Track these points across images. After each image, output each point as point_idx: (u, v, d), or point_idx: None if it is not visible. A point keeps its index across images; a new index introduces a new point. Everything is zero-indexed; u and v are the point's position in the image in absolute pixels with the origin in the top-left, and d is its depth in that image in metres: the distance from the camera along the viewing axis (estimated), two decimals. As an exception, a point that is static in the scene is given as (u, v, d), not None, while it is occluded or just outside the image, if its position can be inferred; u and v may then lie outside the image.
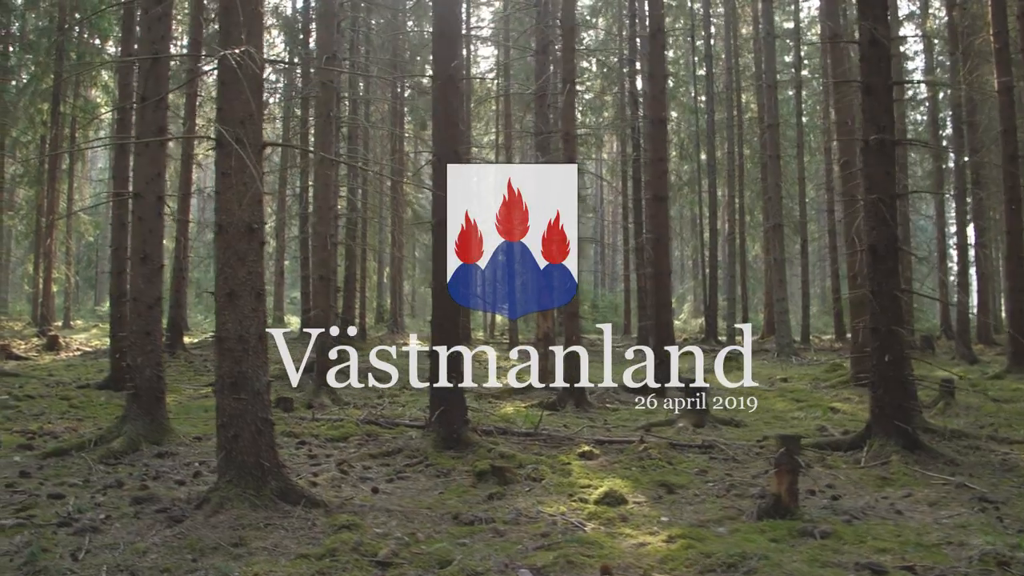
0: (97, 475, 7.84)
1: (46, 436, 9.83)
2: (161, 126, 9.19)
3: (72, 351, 20.86)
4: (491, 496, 7.23)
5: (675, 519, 6.73)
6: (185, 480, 7.65)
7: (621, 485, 7.67)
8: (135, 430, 8.80)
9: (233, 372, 6.30)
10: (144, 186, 9.10)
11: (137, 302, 9.02)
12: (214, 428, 10.59)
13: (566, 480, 7.93)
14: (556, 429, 10.94)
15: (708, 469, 8.63)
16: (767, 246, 32.38)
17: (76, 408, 12.30)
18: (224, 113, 6.41)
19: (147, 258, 9.07)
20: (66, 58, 25.62)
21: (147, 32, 9.24)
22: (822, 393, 15.44)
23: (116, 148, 14.77)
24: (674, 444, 9.78)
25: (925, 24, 30.48)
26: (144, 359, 8.97)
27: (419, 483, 7.84)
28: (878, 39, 9.39)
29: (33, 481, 7.61)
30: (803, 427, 11.76)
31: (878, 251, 9.45)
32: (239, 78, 6.35)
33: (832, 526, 6.42)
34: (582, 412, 13.16)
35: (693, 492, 7.68)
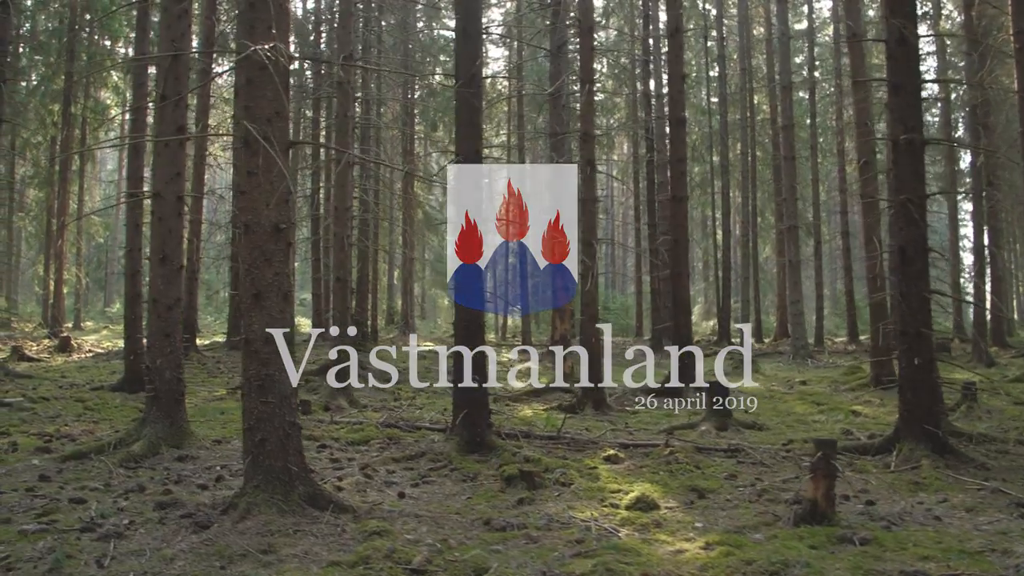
0: (118, 479, 7.72)
1: (63, 439, 9.73)
2: (181, 125, 9.09)
3: (84, 353, 20.78)
4: (521, 501, 7.09)
5: (710, 525, 6.58)
6: (208, 484, 7.52)
7: (651, 490, 7.52)
8: (155, 433, 8.68)
9: (260, 375, 6.18)
10: (164, 186, 8.98)
11: (156, 303, 8.91)
12: (233, 431, 10.58)
13: (595, 485, 7.79)
14: (578, 432, 10.79)
15: (737, 473, 8.47)
16: (780, 248, 32.23)
17: (91, 410, 12.20)
18: (251, 111, 6.28)
19: (166, 259, 8.96)
20: (77, 59, 25.61)
21: (166, 30, 9.12)
22: (842, 396, 15.26)
23: (130, 148, 14.70)
24: (700, 448, 9.63)
25: (938, 25, 30.27)
26: (163, 361, 8.85)
27: (445, 487, 7.70)
28: (907, 37, 9.24)
29: (53, 485, 7.50)
30: (826, 430, 11.58)
31: (907, 252, 9.29)
32: (267, 75, 6.23)
33: (871, 532, 6.27)
34: (602, 415, 13.02)
35: (725, 497, 7.53)
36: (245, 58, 6.25)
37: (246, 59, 6.28)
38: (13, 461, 8.45)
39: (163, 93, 8.98)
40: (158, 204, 8.99)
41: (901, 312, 9.38)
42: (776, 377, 18.05)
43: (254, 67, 6.26)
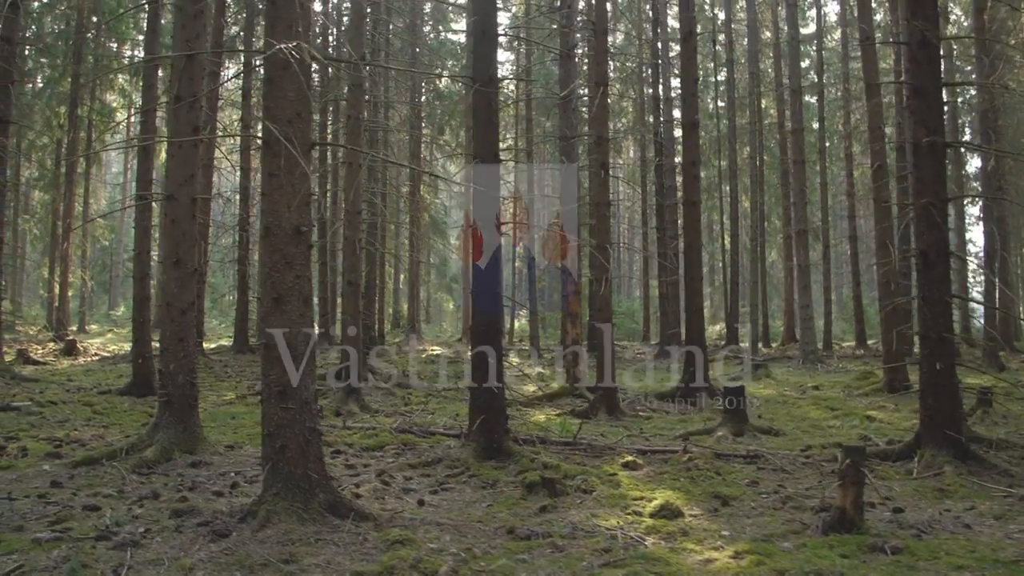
0: (131, 485, 7.60)
1: (73, 444, 9.62)
2: (195, 126, 8.98)
3: (90, 356, 20.67)
4: (543, 509, 6.96)
5: (736, 533, 6.45)
6: (223, 491, 7.40)
7: (674, 497, 7.39)
8: (167, 439, 8.56)
9: (280, 380, 6.06)
10: (177, 188, 8.87)
11: (170, 307, 8.79)
12: (244, 436, 10.46)
13: (616, 492, 7.66)
14: (594, 438, 10.66)
15: (759, 480, 8.34)
16: (786, 252, 32.11)
17: (100, 415, 12.09)
18: (272, 111, 6.18)
19: (180, 262, 8.84)
20: (83, 61, 25.54)
21: (181, 30, 9.02)
22: (856, 401, 15.12)
23: (140, 151, 14.61)
24: (719, 454, 9.49)
25: (945, 28, 30.14)
26: (177, 366, 8.73)
27: (465, 495, 7.58)
28: (929, 40, 9.12)
29: (66, 491, 7.38)
30: (842, 436, 11.43)
31: (929, 256, 9.16)
32: (289, 74, 6.12)
33: (902, 541, 6.14)
34: (615, 420, 12.88)
35: (749, 504, 7.40)
36: (268, 57, 6.14)
37: (269, 58, 6.18)
38: (24, 467, 8.34)
39: (177, 94, 8.87)
40: (172, 206, 8.87)
41: (923, 316, 9.25)
42: (788, 382, 17.92)
43: (276, 66, 6.15)
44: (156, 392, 14.19)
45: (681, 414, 14.01)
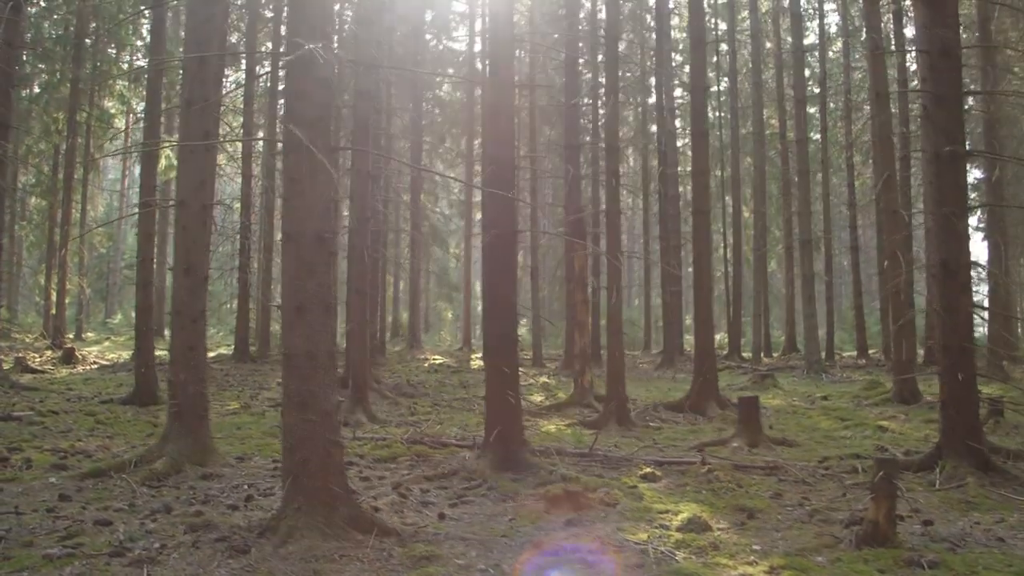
0: (142, 498, 7.40)
1: (79, 455, 9.40)
2: (208, 131, 8.81)
3: (89, 364, 20.42)
4: (568, 523, 6.79)
5: (768, 547, 6.29)
6: (238, 505, 7.21)
7: (699, 510, 7.23)
8: (177, 450, 8.36)
9: (301, 391, 5.89)
10: (189, 194, 8.70)
11: (180, 316, 8.61)
12: (252, 447, 10.27)
13: (640, 505, 7.50)
14: (608, 449, 10.50)
15: (782, 493, 8.19)
16: (787, 263, 32.06)
17: (103, 424, 11.87)
18: (294, 114, 6.03)
19: (191, 270, 8.66)
20: (82, 67, 25.35)
21: (192, 33, 8.87)
22: (866, 411, 14.99)
23: (143, 156, 14.44)
24: (737, 466, 9.34)
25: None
26: (187, 376, 8.55)
27: (485, 508, 7.40)
28: (951, 48, 9.04)
29: (75, 505, 7.17)
30: (857, 447, 11.29)
31: (950, 266, 9.06)
32: (311, 77, 5.98)
33: (937, 555, 6.00)
34: (626, 430, 12.72)
35: (775, 517, 7.25)
36: (291, 59, 6.00)
37: (292, 60, 6.03)
38: (29, 479, 8.13)
39: (188, 98, 8.71)
40: (183, 213, 8.70)
41: (943, 327, 9.13)
42: (795, 392, 17.79)
43: (298, 69, 6.01)
44: (159, 402, 14.04)
45: (691, 424, 13.86)
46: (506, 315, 8.96)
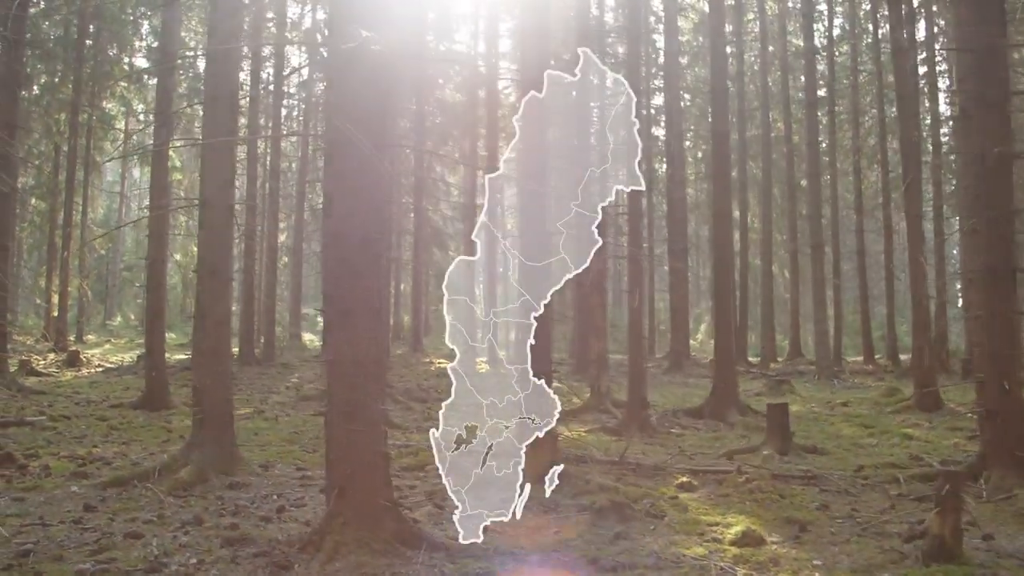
0: (170, 509, 7.12)
1: (97, 461, 9.11)
2: (232, 128, 8.54)
3: (93, 367, 20.07)
4: (617, 536, 6.53)
5: (830, 563, 6.05)
6: (270, 516, 6.93)
7: (748, 522, 6.97)
8: (203, 458, 8.07)
9: (348, 400, 5.62)
10: (213, 193, 8.41)
11: (204, 319, 8.32)
12: (274, 454, 9.97)
13: (687, 516, 7.25)
14: (636, 456, 10.23)
15: (828, 504, 7.94)
16: (793, 267, 31.86)
17: (117, 430, 11.57)
18: (338, 110, 5.76)
19: (216, 272, 8.38)
20: (84, 68, 24.99)
21: (217, 28, 8.58)
22: (888, 419, 14.76)
23: (154, 156, 14.13)
24: (775, 475, 9.09)
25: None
26: (212, 381, 8.26)
27: (526, 519, 7.04)
28: (997, 46, 8.83)
29: (101, 516, 6.89)
30: (889, 455, 11.06)
31: (998, 271, 8.82)
32: (358, 69, 5.72)
33: (1009, 572, 5.78)
34: (648, 437, 12.46)
35: (828, 530, 7.00)
36: (336, 51, 5.74)
37: (331, 52, 5.77)
38: (51, 487, 7.84)
39: (214, 94, 8.43)
40: (207, 213, 8.42)
41: (989, 334, 8.90)
42: (813, 398, 17.56)
43: (341, 61, 5.74)
44: (170, 406, 13.74)
45: (712, 431, 13.60)
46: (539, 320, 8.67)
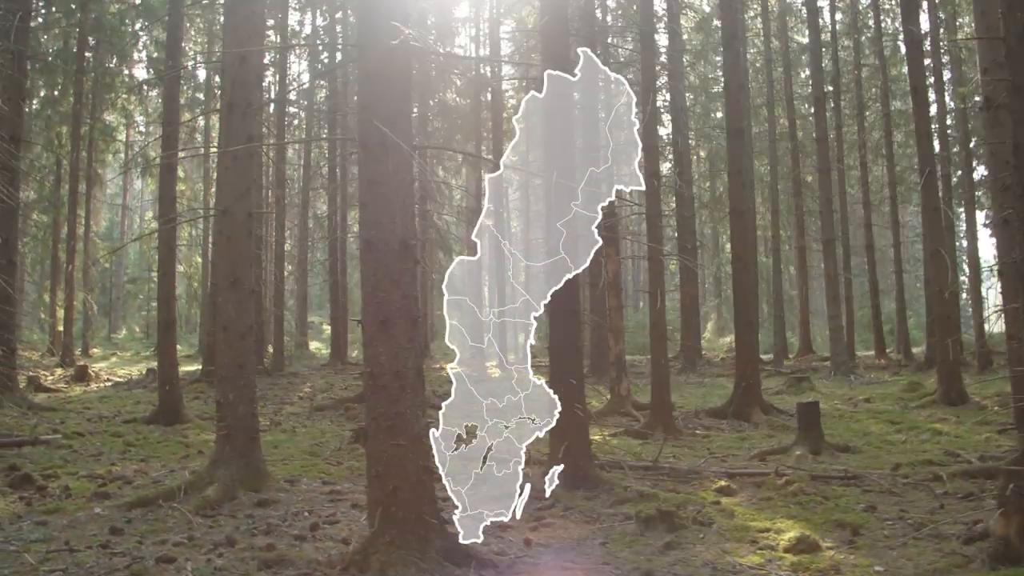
0: (200, 530, 6.87)
1: (117, 480, 8.87)
2: (251, 134, 8.31)
3: (102, 382, 19.82)
4: (667, 546, 6.30)
5: (892, 569, 5.83)
6: (304, 535, 6.68)
7: (799, 528, 6.74)
8: (229, 475, 7.83)
9: (389, 413, 5.39)
10: (232, 202, 8.19)
11: (227, 331, 8.09)
12: (297, 468, 9.72)
13: (735, 523, 7.01)
14: (667, 460, 10.00)
15: (874, 505, 7.70)
16: (800, 263, 31.66)
17: (133, 446, 11.32)
18: (370, 111, 5.54)
19: (237, 282, 8.15)
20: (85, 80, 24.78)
21: (232, 33, 8.36)
22: (914, 414, 14.53)
23: (162, 168, 13.91)
24: (814, 476, 8.86)
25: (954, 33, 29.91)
26: (237, 395, 8.02)
27: (569, 531, 6.90)
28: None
29: (129, 539, 6.64)
30: (922, 452, 10.83)
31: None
32: (390, 70, 5.50)
33: (1080, 576, 5.54)
34: (673, 439, 12.22)
35: (881, 533, 6.77)
36: (364, 51, 5.52)
37: (363, 51, 5.56)
38: (73, 509, 7.59)
39: (231, 100, 8.21)
40: (226, 223, 8.19)
41: None
42: (834, 395, 17.33)
43: (374, 61, 5.53)
44: (184, 420, 13.50)
45: (737, 431, 13.37)
46: (570, 323, 8.48)
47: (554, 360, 8.60)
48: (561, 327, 8.45)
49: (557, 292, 8.47)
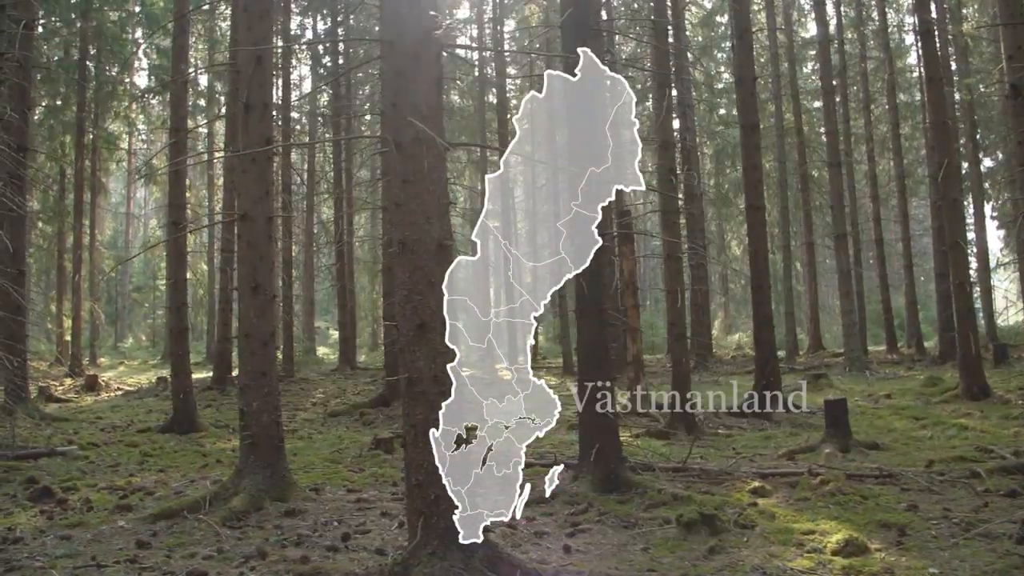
0: (229, 542, 6.70)
1: (139, 492, 8.70)
2: (268, 136, 8.15)
3: (112, 391, 19.68)
4: (712, 551, 6.12)
5: (947, 571, 5.64)
6: (336, 546, 6.50)
7: (846, 529, 6.56)
8: (255, 485, 7.66)
9: (429, 419, 5.20)
10: (252, 206, 8.02)
11: (250, 338, 7.92)
12: (320, 476, 9.55)
13: (776, 525, 6.83)
14: (695, 461, 9.81)
15: (916, 504, 7.51)
16: (810, 258, 31.51)
17: (151, 456, 11.16)
18: (401, 108, 5.37)
19: (258, 288, 7.98)
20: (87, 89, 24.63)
21: (247, 32, 8.18)
22: (937, 409, 14.34)
23: (171, 174, 13.75)
24: (849, 475, 8.67)
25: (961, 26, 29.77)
26: (260, 403, 7.86)
27: (608, 537, 6.72)
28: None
29: (157, 553, 6.46)
30: (952, 448, 10.65)
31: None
32: (420, 64, 5.34)
33: None
34: (697, 440, 12.04)
35: (928, 534, 6.58)
36: (394, 45, 5.36)
37: (393, 46, 5.40)
38: (96, 523, 7.42)
39: (247, 102, 8.04)
40: (247, 227, 8.02)
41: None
42: (853, 391, 17.12)
43: (405, 57, 5.36)
44: (198, 429, 13.36)
45: (759, 430, 13.19)
46: (599, 323, 8.30)
47: (582, 360, 8.44)
48: (588, 327, 8.27)
49: (584, 290, 8.35)
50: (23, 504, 8.25)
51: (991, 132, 30.03)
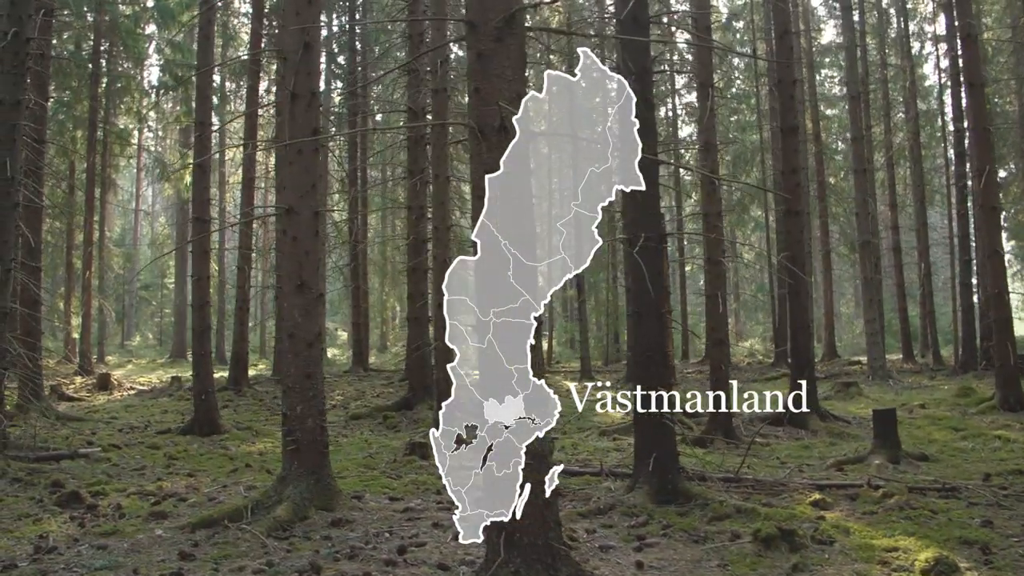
0: (277, 554, 6.34)
1: (171, 498, 8.35)
2: (315, 127, 7.82)
3: (125, 390, 19.31)
4: (794, 568, 5.78)
5: (1052, 596, 5.31)
6: (394, 560, 6.15)
7: (922, 545, 6.23)
8: (299, 493, 7.31)
9: (508, 427, 4.86)
10: (298, 200, 7.68)
11: (294, 339, 7.57)
12: (358, 483, 9.14)
13: (854, 541, 6.49)
14: (745, 471, 9.46)
15: (990, 519, 7.18)
16: (826, 266, 31.22)
17: (176, 460, 10.80)
18: (484, 94, 5.05)
19: (304, 286, 7.63)
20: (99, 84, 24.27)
21: (294, 18, 7.84)
22: (975, 420, 14.01)
23: (195, 169, 13.42)
24: (911, 488, 8.35)
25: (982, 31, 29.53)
26: (305, 407, 7.50)
27: (679, 552, 6.37)
28: None
29: (203, 566, 6.10)
30: (1001, 462, 10.32)
31: None
32: (504, 48, 5.03)
33: None
34: (735, 447, 11.71)
35: (1015, 552, 6.26)
36: (474, 28, 5.04)
37: (474, 28, 5.08)
38: (131, 531, 7.07)
39: (293, 91, 7.71)
40: (292, 221, 7.68)
41: None
42: (883, 400, 16.80)
43: (488, 39, 5.04)
44: (220, 431, 12.98)
45: (796, 439, 12.86)
46: (656, 328, 7.97)
47: (638, 364, 8.11)
48: (647, 329, 7.93)
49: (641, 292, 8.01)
50: (51, 510, 7.90)
51: (1003, 142, 29.76)
